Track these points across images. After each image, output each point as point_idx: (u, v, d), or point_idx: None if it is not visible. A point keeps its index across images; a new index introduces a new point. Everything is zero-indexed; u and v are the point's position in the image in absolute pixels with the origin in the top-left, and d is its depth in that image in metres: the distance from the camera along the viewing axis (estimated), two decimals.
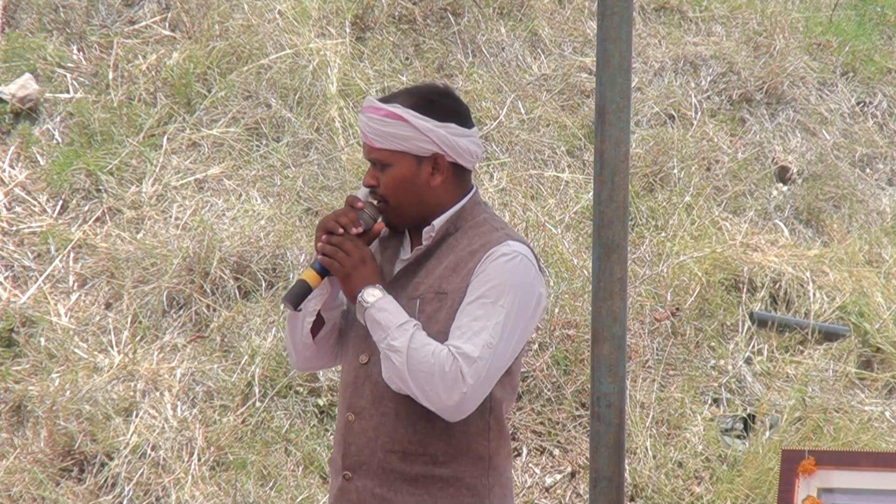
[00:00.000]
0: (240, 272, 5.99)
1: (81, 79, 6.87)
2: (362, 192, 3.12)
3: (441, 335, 2.96)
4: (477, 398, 2.93)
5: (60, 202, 6.37)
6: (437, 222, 3.07)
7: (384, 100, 3.10)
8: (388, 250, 3.16)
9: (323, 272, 3.04)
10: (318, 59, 6.93)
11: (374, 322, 2.97)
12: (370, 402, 3.03)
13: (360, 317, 3.02)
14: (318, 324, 3.17)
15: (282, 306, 3.15)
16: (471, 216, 3.09)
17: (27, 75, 6.77)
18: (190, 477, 5.36)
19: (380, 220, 3.10)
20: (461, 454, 3.01)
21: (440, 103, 3.09)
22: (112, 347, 5.79)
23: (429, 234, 3.08)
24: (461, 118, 3.09)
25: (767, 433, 5.71)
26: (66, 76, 6.85)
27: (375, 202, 3.09)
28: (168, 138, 6.60)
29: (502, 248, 3.00)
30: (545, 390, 5.74)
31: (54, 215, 6.32)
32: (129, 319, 5.88)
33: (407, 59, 7.26)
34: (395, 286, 3.06)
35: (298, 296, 3.04)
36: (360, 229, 3.05)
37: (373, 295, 2.99)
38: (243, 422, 5.56)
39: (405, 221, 3.10)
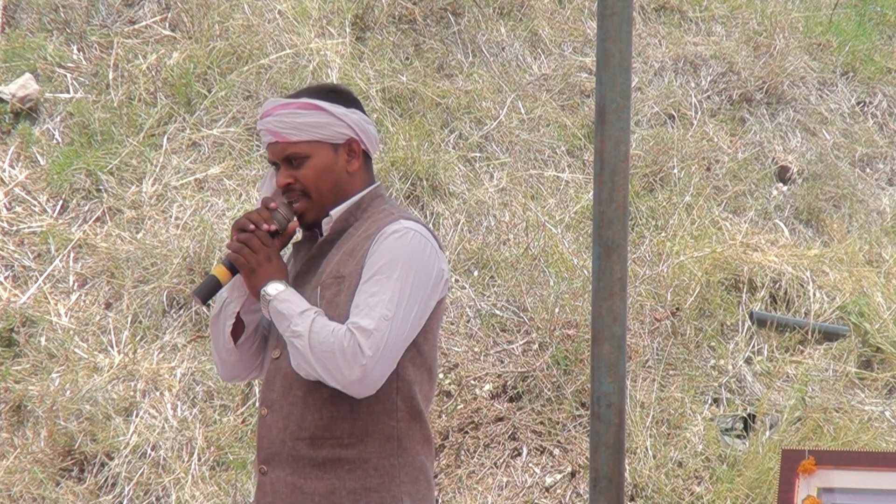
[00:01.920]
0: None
1: (81, 79, 6.87)
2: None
3: (342, 318, 2.98)
4: (380, 371, 2.94)
5: (60, 202, 6.37)
6: (335, 212, 3.12)
7: (284, 97, 3.16)
8: (301, 252, 3.21)
9: (233, 269, 3.08)
10: (318, 59, 6.93)
11: (278, 313, 3.01)
12: (280, 393, 3.06)
13: (265, 311, 3.06)
14: (240, 329, 3.20)
15: (192, 302, 3.18)
16: (370, 207, 3.14)
17: (27, 75, 6.77)
18: (190, 477, 5.36)
19: (294, 219, 3.13)
20: (367, 435, 3.03)
21: (343, 93, 3.17)
22: (112, 347, 5.79)
23: (327, 224, 3.12)
24: (360, 107, 3.18)
25: (767, 433, 5.71)
26: (66, 76, 6.85)
27: (292, 201, 3.12)
28: (168, 138, 6.60)
29: (393, 226, 3.04)
30: (545, 390, 5.74)
31: (54, 215, 6.32)
32: (129, 319, 5.89)
33: (407, 59, 7.26)
34: (303, 280, 3.11)
35: (206, 291, 3.07)
36: (273, 227, 3.08)
37: (275, 288, 3.04)
38: (243, 422, 5.56)
39: (323, 213, 3.13)
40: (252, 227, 3.07)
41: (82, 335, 5.84)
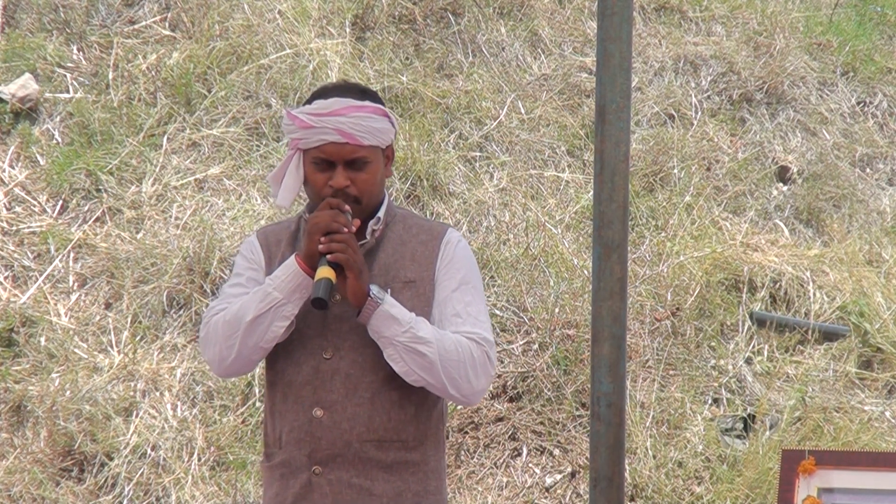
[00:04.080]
0: None
1: (81, 79, 6.87)
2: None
3: None
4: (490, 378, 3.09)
5: (60, 202, 6.37)
6: (383, 213, 3.14)
7: (344, 95, 3.08)
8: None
9: (336, 269, 2.99)
10: (318, 59, 6.93)
11: (389, 317, 2.97)
12: (343, 394, 3.04)
13: (366, 314, 2.98)
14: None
15: (313, 308, 3.06)
16: (392, 210, 3.19)
17: (27, 75, 6.77)
18: (190, 477, 5.36)
19: (355, 220, 3.10)
20: (427, 438, 3.10)
21: (378, 96, 3.17)
22: (112, 347, 5.79)
23: (373, 226, 3.12)
24: None
25: (767, 433, 5.71)
26: (66, 76, 6.85)
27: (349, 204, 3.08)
28: (168, 138, 6.60)
29: (450, 235, 3.14)
30: (545, 390, 5.74)
31: (54, 215, 6.32)
32: (129, 319, 5.89)
33: (407, 59, 7.26)
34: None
35: (327, 293, 2.96)
36: (353, 230, 3.04)
37: (380, 290, 2.99)
38: (243, 422, 5.56)
39: (362, 217, 3.12)
40: (345, 229, 2.99)
41: (82, 335, 5.84)
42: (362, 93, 3.12)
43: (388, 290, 3.03)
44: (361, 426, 3.03)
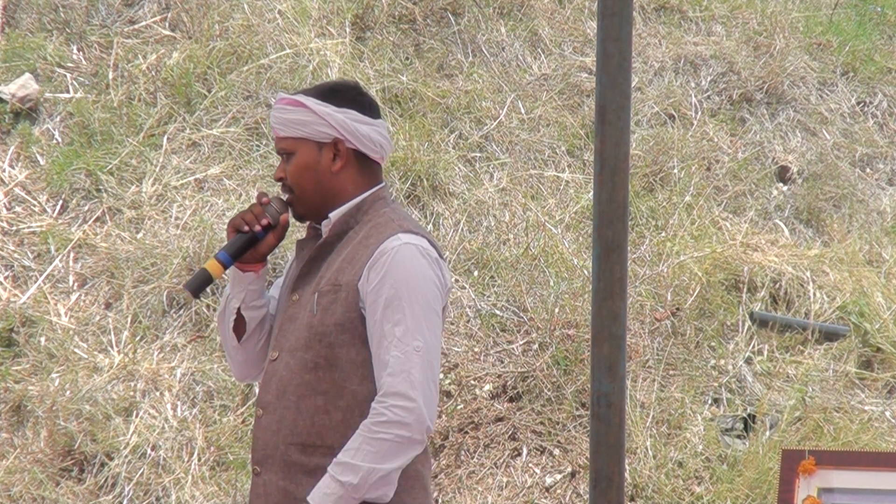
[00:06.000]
0: None
1: (81, 79, 6.87)
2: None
3: (337, 326, 2.98)
4: (429, 397, 2.94)
5: (60, 202, 6.37)
6: (334, 215, 3.11)
7: (293, 93, 3.18)
8: (304, 251, 3.19)
9: (227, 263, 3.08)
10: (318, 59, 6.93)
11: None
12: (275, 396, 3.06)
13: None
14: (243, 325, 3.19)
15: (184, 294, 3.18)
16: (372, 210, 3.12)
17: (27, 75, 6.77)
18: (190, 477, 5.36)
19: (286, 212, 3.15)
20: None
21: (341, 92, 3.15)
22: (112, 347, 5.79)
23: (326, 226, 3.12)
24: (362, 107, 3.13)
25: (767, 433, 5.71)
26: (66, 76, 6.85)
27: (285, 196, 3.14)
28: (168, 138, 6.60)
29: (390, 242, 3.01)
30: (545, 390, 5.74)
31: (54, 215, 6.32)
32: (129, 319, 5.89)
33: (407, 59, 7.26)
34: (303, 282, 3.10)
35: (197, 284, 3.07)
36: (266, 222, 3.11)
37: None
38: (243, 422, 5.56)
39: (311, 211, 3.13)
40: (247, 227, 3.09)
41: (82, 335, 5.84)
42: (312, 90, 3.15)
43: (317, 294, 3.03)
44: (286, 429, 3.03)
